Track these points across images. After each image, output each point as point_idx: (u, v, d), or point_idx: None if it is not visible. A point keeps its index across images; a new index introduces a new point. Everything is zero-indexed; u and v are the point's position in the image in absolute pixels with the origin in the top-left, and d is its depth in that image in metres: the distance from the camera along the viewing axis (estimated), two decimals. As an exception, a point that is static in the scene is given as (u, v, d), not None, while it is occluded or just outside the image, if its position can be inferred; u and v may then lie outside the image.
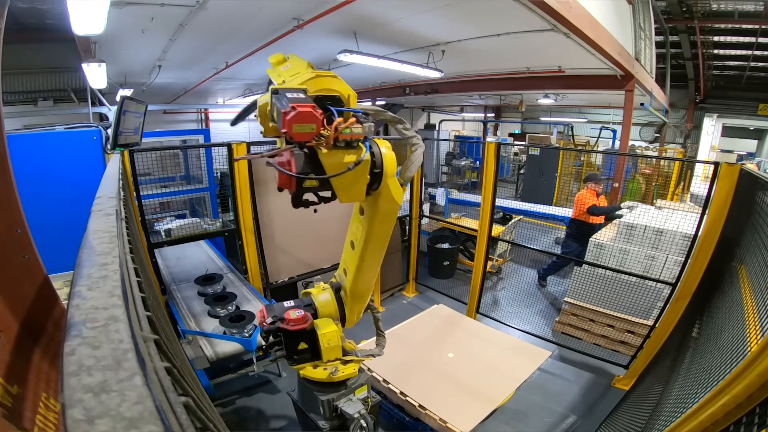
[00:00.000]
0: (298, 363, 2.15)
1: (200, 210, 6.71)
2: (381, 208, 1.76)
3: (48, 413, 1.21)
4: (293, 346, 2.11)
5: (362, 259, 1.98)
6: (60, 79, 9.16)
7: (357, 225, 1.99)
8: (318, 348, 2.13)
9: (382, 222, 1.85)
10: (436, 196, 8.34)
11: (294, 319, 2.06)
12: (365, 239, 1.90)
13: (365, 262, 2.00)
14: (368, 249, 1.94)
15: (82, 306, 0.61)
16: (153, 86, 9.36)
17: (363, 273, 2.06)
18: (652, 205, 6.02)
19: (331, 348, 2.15)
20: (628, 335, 4.39)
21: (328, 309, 2.25)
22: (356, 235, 1.99)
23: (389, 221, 1.87)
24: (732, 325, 2.02)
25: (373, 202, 1.76)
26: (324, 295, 2.27)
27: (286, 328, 2.05)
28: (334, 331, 2.15)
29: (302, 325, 2.08)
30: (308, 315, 2.12)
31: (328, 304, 2.25)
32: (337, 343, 2.16)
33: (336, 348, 2.17)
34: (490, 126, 20.31)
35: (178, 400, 0.54)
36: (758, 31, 10.43)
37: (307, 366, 2.17)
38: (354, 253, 2.03)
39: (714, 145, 14.75)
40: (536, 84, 8.87)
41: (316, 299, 2.25)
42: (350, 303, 2.23)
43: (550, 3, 4.14)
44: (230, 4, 4.59)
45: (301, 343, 2.12)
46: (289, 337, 2.08)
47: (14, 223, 1.59)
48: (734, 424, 1.14)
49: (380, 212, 1.78)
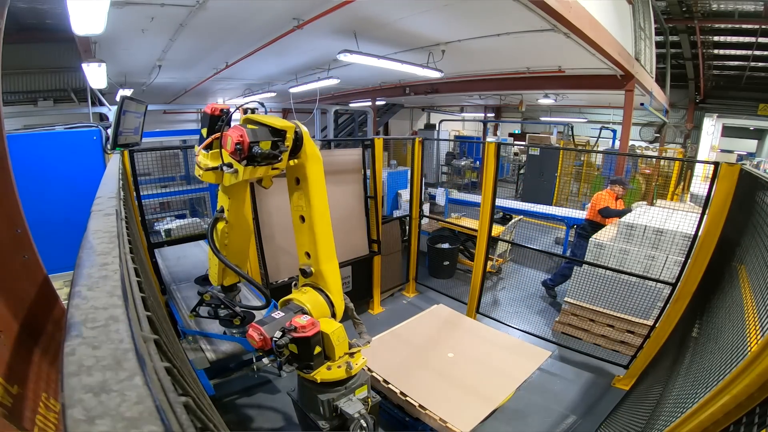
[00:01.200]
0: (315, 368, 2.12)
1: (200, 210, 6.72)
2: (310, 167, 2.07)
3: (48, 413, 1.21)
4: (310, 352, 2.06)
5: (317, 226, 2.15)
6: (60, 79, 9.16)
7: (298, 195, 2.17)
8: (330, 347, 2.13)
9: (316, 178, 2.10)
10: (436, 196, 8.34)
11: (306, 325, 2.02)
12: (311, 204, 2.11)
13: (319, 227, 2.16)
14: (316, 213, 2.13)
15: (82, 306, 0.61)
16: (153, 86, 9.37)
17: (323, 242, 2.18)
18: (652, 205, 6.02)
19: (341, 344, 2.16)
20: (628, 335, 4.39)
21: (321, 308, 2.24)
22: (301, 206, 2.17)
23: (320, 176, 2.14)
24: (732, 325, 2.02)
25: (303, 165, 2.07)
26: (310, 297, 2.25)
27: (305, 334, 2.00)
28: (340, 327, 2.16)
29: (317, 327, 2.05)
30: (313, 318, 2.11)
31: (319, 302, 2.24)
32: (345, 338, 2.18)
33: (345, 342, 2.19)
34: (490, 126, 20.31)
35: (178, 400, 0.54)
36: (758, 31, 10.44)
37: (321, 369, 2.14)
38: (306, 225, 2.19)
39: (714, 145, 14.76)
40: (536, 84, 8.87)
41: (304, 303, 2.22)
42: (330, 289, 2.26)
43: (550, 3, 4.14)
44: (230, 4, 4.59)
45: (317, 347, 2.09)
46: (305, 343, 2.04)
47: (14, 223, 1.59)
48: (734, 424, 1.14)
49: (311, 170, 2.08)
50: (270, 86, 11.27)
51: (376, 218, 5.15)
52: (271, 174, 2.05)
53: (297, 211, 2.20)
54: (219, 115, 2.08)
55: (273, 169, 2.01)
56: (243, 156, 1.81)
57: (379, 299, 5.56)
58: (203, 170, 2.02)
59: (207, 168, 2.00)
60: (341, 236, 4.94)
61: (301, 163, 2.06)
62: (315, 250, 2.20)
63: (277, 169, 2.04)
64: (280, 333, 2.01)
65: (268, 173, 2.03)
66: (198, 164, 2.05)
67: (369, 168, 5.04)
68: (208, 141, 2.02)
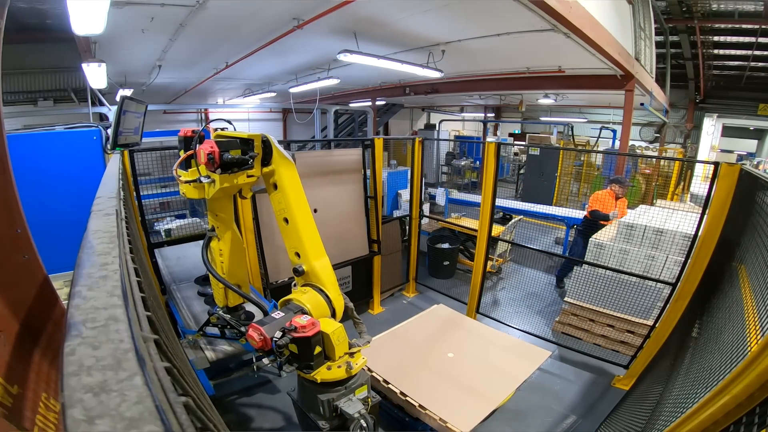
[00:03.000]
0: (316, 368, 2.13)
1: (200, 210, 6.71)
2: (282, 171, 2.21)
3: (48, 413, 1.21)
4: (310, 353, 2.07)
5: (300, 225, 2.25)
6: (60, 79, 9.16)
7: (278, 200, 2.28)
8: (331, 347, 2.13)
9: (290, 181, 2.23)
10: (436, 196, 8.34)
11: (306, 325, 2.02)
12: (290, 205, 2.23)
13: (302, 225, 2.26)
14: (297, 212, 2.24)
15: (82, 306, 0.61)
16: (153, 86, 9.36)
17: (309, 239, 2.29)
18: (652, 205, 6.02)
19: (341, 343, 2.16)
20: (628, 335, 4.39)
21: (321, 308, 2.25)
22: (282, 209, 2.29)
23: (294, 178, 2.26)
24: (732, 325, 2.02)
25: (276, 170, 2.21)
26: (310, 296, 2.26)
27: (305, 334, 2.01)
28: (340, 327, 2.16)
29: (316, 328, 2.06)
30: (312, 318, 2.11)
31: (319, 302, 2.25)
32: (345, 338, 2.18)
33: (345, 342, 2.20)
34: (490, 126, 20.32)
35: (178, 400, 0.54)
36: (758, 31, 10.43)
37: (321, 369, 2.15)
38: (291, 225, 2.29)
39: (714, 145, 14.76)
40: (536, 84, 8.87)
41: (304, 303, 2.23)
42: (325, 285, 2.30)
43: (550, 3, 4.14)
44: (230, 4, 4.59)
45: (317, 347, 2.10)
46: (306, 343, 2.04)
47: (14, 223, 1.59)
48: (734, 424, 1.14)
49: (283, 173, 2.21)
50: (270, 86, 11.27)
51: (376, 218, 5.15)
52: (247, 182, 2.21)
53: (280, 215, 2.31)
54: (192, 136, 2.26)
55: (248, 177, 2.18)
56: (216, 165, 2.01)
57: (379, 299, 5.56)
58: (183, 183, 2.27)
59: (186, 181, 2.25)
60: (341, 236, 4.97)
61: (273, 168, 2.22)
62: (303, 248, 2.28)
63: (252, 177, 2.20)
64: (280, 333, 2.01)
65: (244, 181, 2.19)
66: (179, 182, 2.30)
67: (369, 168, 5.04)
68: (181, 159, 2.26)
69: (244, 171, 2.14)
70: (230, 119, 2.64)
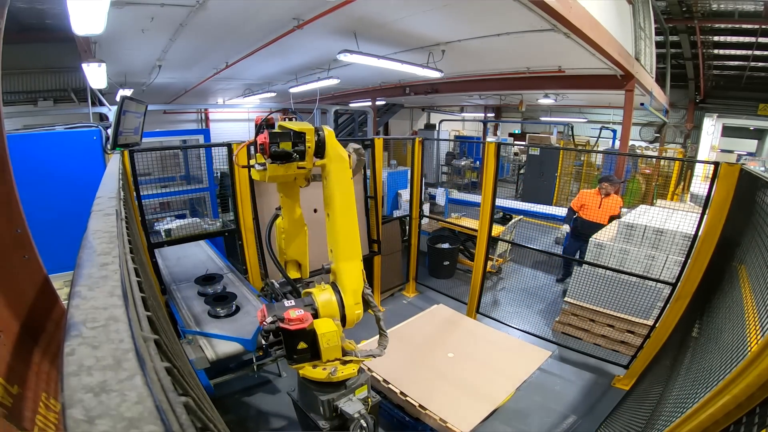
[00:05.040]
0: (298, 362, 2.16)
1: (200, 210, 6.71)
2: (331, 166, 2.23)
3: (48, 413, 1.21)
4: (293, 346, 2.11)
5: (337, 224, 2.26)
6: (60, 79, 9.15)
7: (325, 193, 2.30)
8: (318, 348, 2.14)
9: (337, 177, 2.24)
10: (436, 196, 8.33)
11: (294, 319, 2.06)
12: (332, 202, 2.25)
13: (339, 225, 2.27)
14: (337, 211, 2.24)
15: (82, 306, 0.61)
16: (153, 86, 9.36)
17: (343, 240, 2.28)
18: (652, 205, 6.02)
19: (331, 348, 2.15)
20: (628, 335, 4.39)
21: (329, 309, 2.26)
22: (326, 203, 2.31)
23: (342, 175, 2.25)
24: (732, 325, 2.02)
25: (326, 165, 2.25)
26: (324, 295, 2.29)
27: (287, 327, 2.06)
28: (333, 332, 2.15)
29: (302, 324, 2.08)
30: (308, 315, 2.11)
31: (329, 303, 2.27)
32: (336, 344, 2.16)
33: (335, 348, 2.17)
34: (490, 126, 20.31)
35: (178, 400, 0.54)
36: (758, 31, 10.43)
37: (306, 366, 2.17)
38: (330, 221, 2.30)
39: (714, 145, 14.76)
40: (536, 84, 8.87)
41: (317, 299, 2.26)
42: (344, 289, 2.30)
43: (550, 3, 4.14)
44: (230, 4, 4.59)
45: (301, 343, 2.12)
46: (288, 336, 2.08)
47: (14, 223, 1.59)
48: (734, 424, 1.14)
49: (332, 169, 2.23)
50: (270, 86, 11.27)
51: (376, 218, 5.15)
52: (299, 173, 2.23)
53: (326, 209, 2.35)
54: (259, 123, 2.35)
55: (299, 168, 2.20)
56: (267, 155, 2.10)
57: (379, 299, 5.56)
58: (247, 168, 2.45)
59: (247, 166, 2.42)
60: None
61: (324, 162, 2.25)
62: (335, 246, 2.31)
63: (303, 168, 2.22)
64: (272, 318, 2.08)
65: (296, 172, 2.21)
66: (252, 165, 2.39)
67: (369, 168, 5.04)
68: (243, 146, 2.45)
69: (295, 162, 2.18)
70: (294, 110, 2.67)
